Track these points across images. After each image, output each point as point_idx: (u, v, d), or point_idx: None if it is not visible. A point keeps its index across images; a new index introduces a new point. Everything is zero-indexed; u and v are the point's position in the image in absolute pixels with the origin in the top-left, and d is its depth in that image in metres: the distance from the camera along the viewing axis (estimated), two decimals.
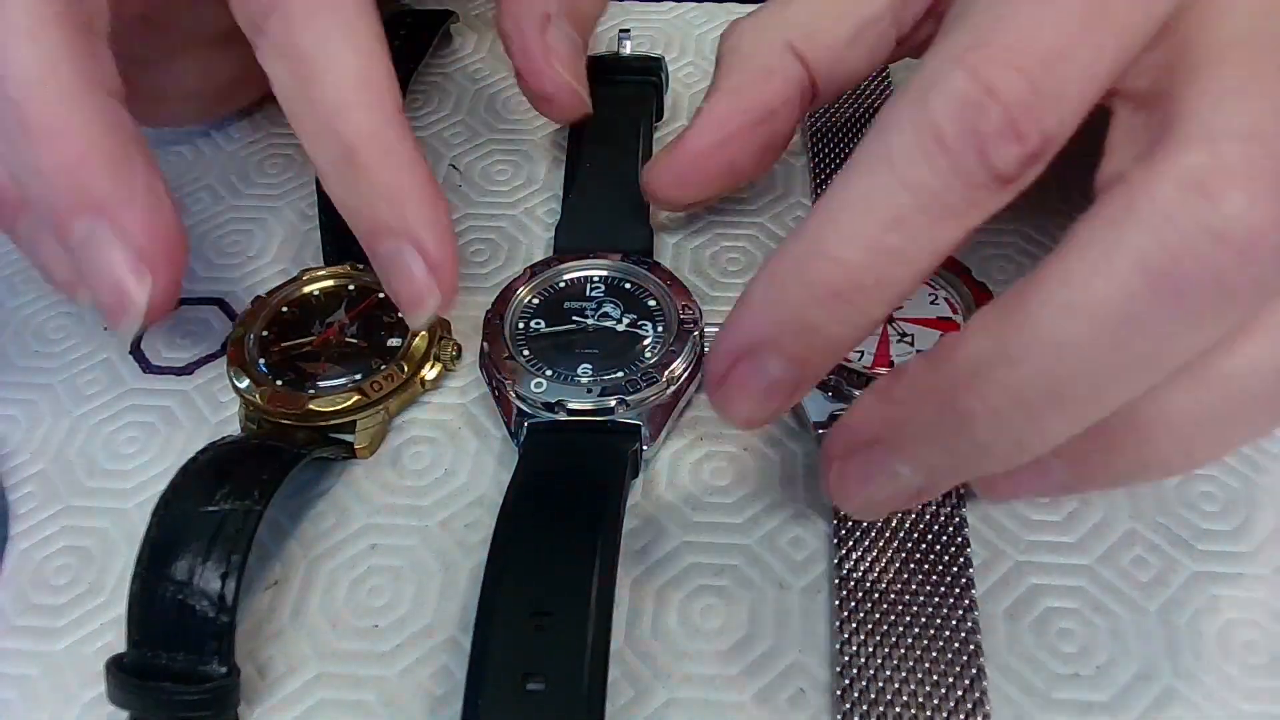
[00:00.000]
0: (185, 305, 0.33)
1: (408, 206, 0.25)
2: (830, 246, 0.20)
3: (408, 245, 0.25)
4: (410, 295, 0.26)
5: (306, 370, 0.29)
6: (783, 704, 0.24)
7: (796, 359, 0.21)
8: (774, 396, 0.22)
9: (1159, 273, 0.17)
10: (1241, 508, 0.27)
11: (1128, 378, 0.19)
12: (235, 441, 0.27)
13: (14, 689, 0.25)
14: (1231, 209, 0.17)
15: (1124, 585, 0.25)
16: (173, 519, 0.24)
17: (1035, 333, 0.19)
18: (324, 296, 0.32)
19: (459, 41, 0.43)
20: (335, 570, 0.27)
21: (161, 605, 0.23)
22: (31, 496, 0.29)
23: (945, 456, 0.21)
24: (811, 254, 0.20)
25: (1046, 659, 0.24)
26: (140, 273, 0.23)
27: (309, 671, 0.25)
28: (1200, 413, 0.19)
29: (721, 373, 0.22)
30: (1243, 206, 0.17)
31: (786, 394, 0.22)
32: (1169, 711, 0.23)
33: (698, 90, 0.40)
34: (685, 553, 0.26)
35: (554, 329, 0.29)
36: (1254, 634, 0.24)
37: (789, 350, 0.21)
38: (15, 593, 0.27)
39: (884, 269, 0.20)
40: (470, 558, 0.27)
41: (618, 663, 0.24)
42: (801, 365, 0.21)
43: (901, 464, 0.21)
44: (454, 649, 0.25)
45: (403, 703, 0.24)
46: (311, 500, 0.28)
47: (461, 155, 0.38)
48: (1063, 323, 0.18)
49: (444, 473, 0.29)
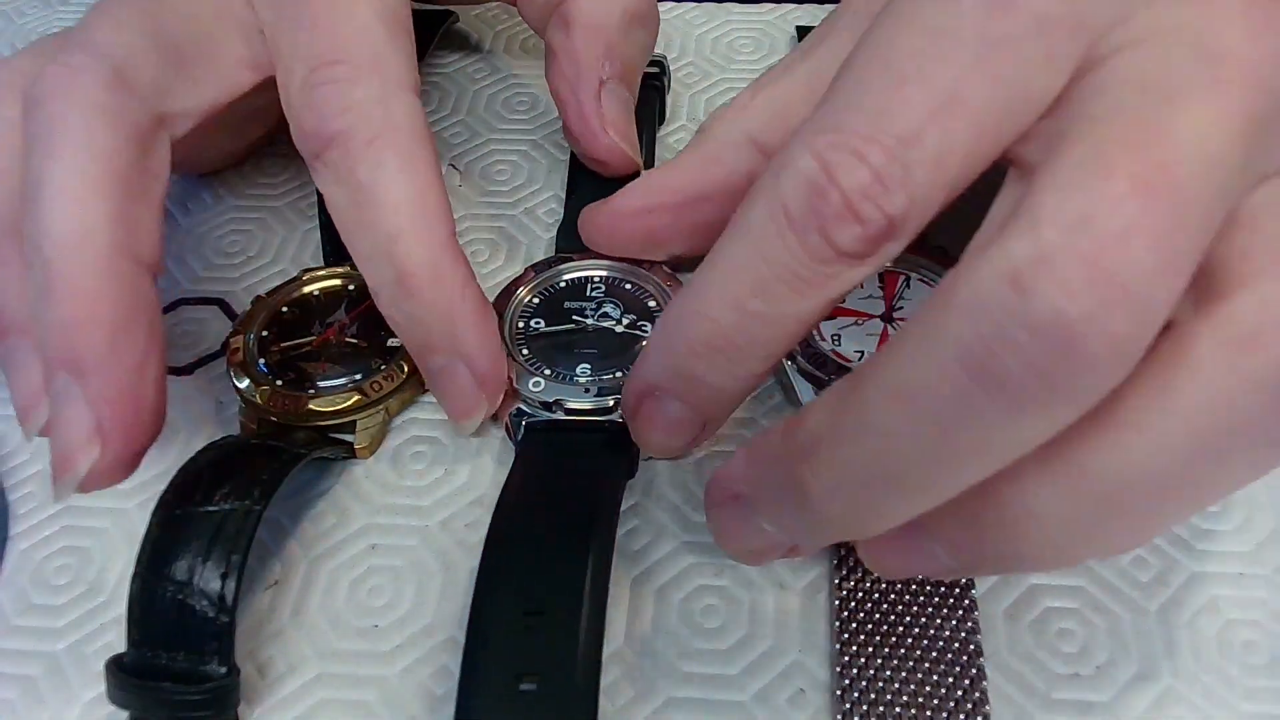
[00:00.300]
0: (185, 305, 0.33)
1: (458, 328, 0.26)
2: (704, 306, 0.22)
3: (458, 360, 0.27)
4: (459, 408, 0.27)
5: (306, 370, 0.29)
6: (783, 704, 0.24)
7: (689, 403, 0.23)
8: (679, 432, 0.24)
9: (976, 364, 0.17)
10: (1241, 508, 0.27)
11: (958, 466, 0.19)
12: (235, 441, 0.27)
13: (14, 689, 0.25)
14: (1041, 303, 0.17)
15: (1124, 585, 0.25)
16: (173, 519, 0.24)
17: (863, 415, 0.19)
18: (324, 296, 0.32)
19: (459, 42, 0.43)
20: (335, 570, 0.27)
21: (161, 605, 0.23)
22: (31, 496, 0.29)
23: (796, 522, 0.22)
24: (691, 312, 0.22)
25: (1046, 659, 0.24)
26: (91, 442, 0.23)
27: (309, 671, 0.25)
28: (1066, 509, 0.19)
29: (632, 408, 0.25)
30: (1053, 300, 0.17)
31: (691, 431, 0.24)
32: (1169, 712, 0.23)
33: (697, 90, 0.40)
34: (685, 553, 0.26)
35: (553, 329, 0.29)
36: (1254, 634, 0.24)
37: (679, 395, 0.23)
38: (15, 593, 0.27)
39: (752, 330, 0.21)
40: (470, 558, 0.27)
41: (618, 663, 0.24)
42: (695, 409, 0.24)
43: (765, 521, 0.22)
44: (454, 649, 0.25)
45: (403, 702, 0.24)
46: (311, 500, 0.28)
47: (461, 155, 0.38)
48: (888, 408, 0.19)
49: (444, 473, 0.29)
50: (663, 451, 0.25)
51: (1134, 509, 0.19)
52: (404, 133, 0.26)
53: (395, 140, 0.26)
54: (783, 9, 0.43)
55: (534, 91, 0.40)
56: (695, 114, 0.39)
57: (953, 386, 0.18)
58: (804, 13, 0.43)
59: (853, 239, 0.20)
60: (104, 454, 0.23)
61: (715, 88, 0.40)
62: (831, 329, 0.29)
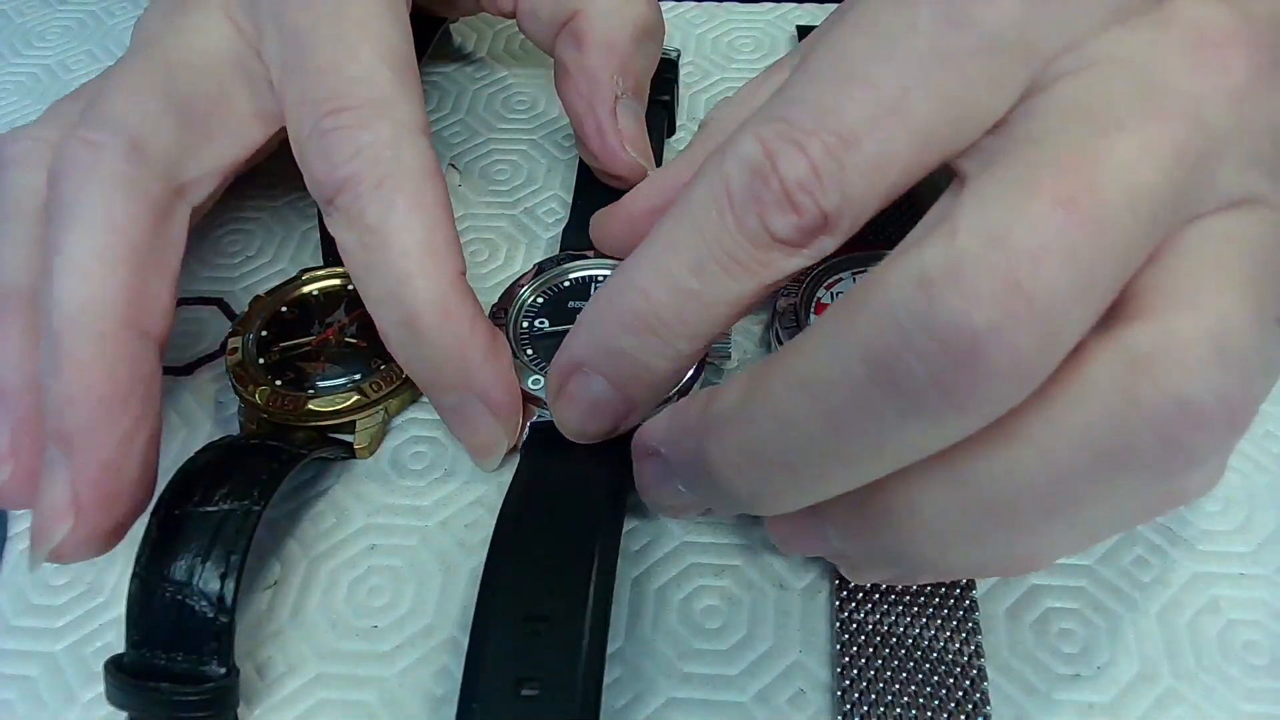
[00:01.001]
0: (185, 305, 0.33)
1: (470, 364, 0.26)
2: (640, 280, 0.22)
3: (472, 396, 0.27)
4: (479, 445, 0.28)
5: (306, 370, 0.29)
6: (783, 704, 0.24)
7: (615, 382, 0.23)
8: (601, 414, 0.24)
9: (880, 365, 0.17)
10: (1241, 508, 0.27)
11: (852, 460, 0.19)
12: (235, 441, 0.27)
13: (13, 689, 0.25)
14: (946, 310, 0.17)
15: (1125, 585, 0.25)
16: (172, 519, 0.24)
17: (768, 399, 0.19)
18: (323, 296, 0.32)
19: (459, 41, 0.43)
20: (335, 570, 0.27)
21: (161, 605, 0.23)
22: None
23: (704, 490, 0.22)
24: (625, 286, 0.22)
25: (1047, 659, 0.24)
26: (65, 516, 0.23)
27: (309, 671, 0.25)
28: (950, 514, 0.19)
29: (556, 387, 0.25)
30: (959, 309, 0.17)
31: (613, 415, 0.24)
32: (1170, 712, 0.23)
33: (697, 90, 0.40)
34: (685, 553, 0.26)
35: (558, 328, 0.29)
36: (1255, 634, 0.24)
37: (606, 372, 0.23)
38: (14, 593, 0.27)
39: (685, 309, 0.22)
40: (470, 558, 0.27)
41: (618, 663, 0.24)
42: (620, 389, 0.24)
43: (679, 483, 0.23)
44: (454, 649, 0.25)
45: (403, 703, 0.24)
46: (311, 500, 0.28)
47: (461, 155, 0.38)
48: (791, 397, 0.19)
49: (444, 473, 0.29)
50: (581, 434, 0.25)
51: (1016, 523, 0.19)
52: (413, 175, 0.26)
53: (404, 183, 0.26)
54: (783, 8, 0.43)
55: (533, 91, 0.40)
56: (695, 113, 0.39)
57: (854, 384, 0.18)
58: (804, 12, 0.43)
59: (788, 227, 0.20)
60: (77, 527, 0.23)
61: (715, 87, 0.40)
62: None
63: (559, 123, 0.38)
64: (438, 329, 0.26)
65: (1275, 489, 0.27)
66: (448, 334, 0.26)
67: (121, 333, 0.24)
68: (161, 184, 0.26)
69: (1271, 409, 0.28)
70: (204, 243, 0.35)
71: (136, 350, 0.25)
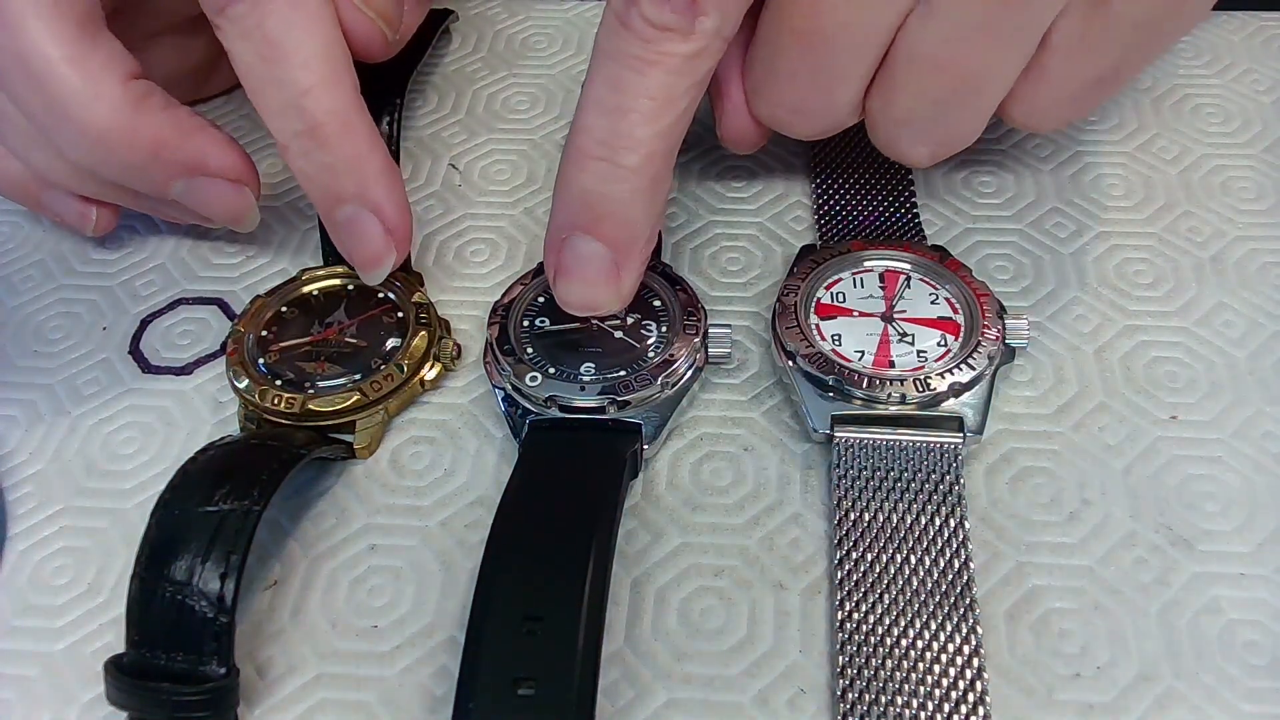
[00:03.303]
0: (184, 305, 0.33)
1: (367, 177, 0.28)
2: (577, 122, 0.25)
3: (365, 209, 0.28)
4: (367, 255, 0.29)
5: (306, 370, 0.29)
6: (782, 705, 0.24)
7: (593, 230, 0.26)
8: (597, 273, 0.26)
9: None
10: (1241, 508, 0.27)
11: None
12: (234, 441, 0.27)
13: (13, 689, 0.25)
14: None
15: (1125, 586, 0.25)
16: (172, 519, 0.24)
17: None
18: (323, 296, 0.32)
19: (459, 41, 0.42)
20: (335, 570, 0.27)
21: (160, 606, 0.23)
22: (30, 497, 0.29)
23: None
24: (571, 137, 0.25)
25: (1047, 660, 0.24)
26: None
27: (309, 672, 0.25)
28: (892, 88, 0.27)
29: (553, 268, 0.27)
30: None
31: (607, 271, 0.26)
32: (1170, 712, 0.23)
33: None
34: (685, 553, 0.26)
35: (558, 327, 0.29)
36: (1255, 634, 0.24)
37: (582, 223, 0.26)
38: (14, 593, 0.27)
39: (617, 123, 0.24)
40: (470, 558, 0.27)
41: (618, 663, 0.24)
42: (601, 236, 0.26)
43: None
44: (453, 649, 0.25)
45: (403, 703, 0.24)
46: (311, 500, 0.28)
47: (461, 155, 0.38)
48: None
49: (444, 473, 0.29)
50: (588, 304, 0.27)
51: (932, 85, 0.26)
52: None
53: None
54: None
55: (534, 91, 0.40)
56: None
57: None
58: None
59: (662, 13, 0.23)
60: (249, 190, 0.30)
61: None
62: (832, 329, 0.29)
63: (559, 123, 0.38)
64: (339, 138, 0.27)
65: (1275, 489, 0.27)
66: (347, 144, 0.27)
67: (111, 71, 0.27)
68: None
69: (1271, 409, 0.28)
70: (204, 242, 0.35)
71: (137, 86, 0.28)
